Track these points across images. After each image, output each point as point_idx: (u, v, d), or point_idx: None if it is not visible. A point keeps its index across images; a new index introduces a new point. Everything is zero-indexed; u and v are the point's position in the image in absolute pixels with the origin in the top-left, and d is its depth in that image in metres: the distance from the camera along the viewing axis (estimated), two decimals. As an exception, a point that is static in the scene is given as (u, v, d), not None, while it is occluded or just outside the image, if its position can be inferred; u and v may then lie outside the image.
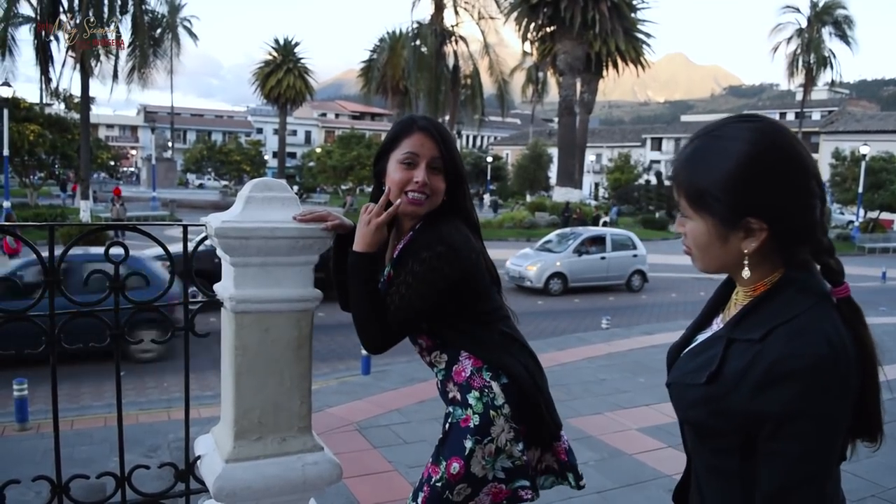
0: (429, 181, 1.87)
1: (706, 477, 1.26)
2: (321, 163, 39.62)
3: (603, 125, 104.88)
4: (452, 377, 1.93)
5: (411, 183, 1.86)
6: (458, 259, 1.83)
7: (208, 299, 2.44)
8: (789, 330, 1.09)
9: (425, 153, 1.88)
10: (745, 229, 1.13)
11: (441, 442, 1.90)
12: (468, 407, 1.88)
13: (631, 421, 5.12)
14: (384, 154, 1.95)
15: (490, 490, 1.87)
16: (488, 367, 1.91)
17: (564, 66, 35.51)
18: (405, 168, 1.87)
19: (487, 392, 1.88)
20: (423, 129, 1.91)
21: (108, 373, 7.60)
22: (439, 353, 1.97)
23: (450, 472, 1.82)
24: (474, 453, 1.84)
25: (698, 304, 5.21)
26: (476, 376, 1.90)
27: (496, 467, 1.87)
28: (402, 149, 1.89)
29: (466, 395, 1.89)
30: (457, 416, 1.90)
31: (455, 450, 1.85)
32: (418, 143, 1.88)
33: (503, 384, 1.89)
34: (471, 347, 1.92)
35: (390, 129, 2.02)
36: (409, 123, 1.93)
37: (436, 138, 1.90)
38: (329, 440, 3.16)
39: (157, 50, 27.76)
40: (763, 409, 1.08)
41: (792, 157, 1.13)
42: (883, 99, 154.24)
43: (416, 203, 1.87)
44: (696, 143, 1.19)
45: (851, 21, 42.90)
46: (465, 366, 1.92)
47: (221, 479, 1.99)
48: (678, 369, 1.30)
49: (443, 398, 2.00)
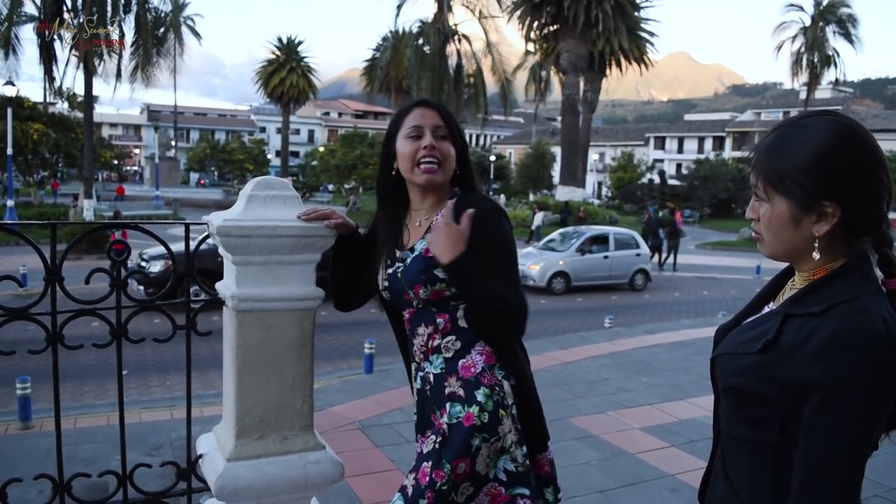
0: (438, 146, 1.89)
1: (736, 454, 1.28)
2: (324, 162, 39.67)
3: (606, 124, 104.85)
4: (458, 371, 1.88)
5: (420, 151, 1.89)
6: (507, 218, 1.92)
7: (210, 298, 2.44)
8: (850, 307, 1.13)
9: (428, 122, 1.92)
10: (819, 213, 1.18)
11: (441, 444, 1.82)
12: (474, 404, 1.83)
13: (634, 420, 5.12)
14: (391, 137, 1.98)
15: (489, 490, 1.85)
16: (501, 365, 1.90)
17: (568, 65, 35.44)
18: (412, 140, 1.91)
19: (498, 391, 1.86)
20: (422, 103, 1.98)
21: (110, 371, 7.61)
22: (454, 338, 1.91)
23: (456, 473, 1.78)
24: (480, 451, 1.81)
25: (702, 304, 5.19)
26: (487, 373, 1.87)
27: (498, 467, 1.85)
28: (406, 125, 1.93)
29: (474, 391, 1.84)
30: (454, 414, 1.84)
31: (461, 450, 1.79)
32: (420, 116, 1.93)
33: (511, 385, 1.89)
34: (488, 340, 1.90)
35: (391, 118, 2.06)
36: (409, 104, 2.00)
37: (436, 108, 1.95)
38: (331, 439, 3.16)
39: (161, 49, 27.72)
40: (816, 378, 1.10)
41: (869, 149, 1.19)
42: (887, 98, 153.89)
43: (431, 170, 1.89)
44: (779, 131, 1.25)
45: (855, 19, 42.77)
46: (476, 361, 1.88)
47: (223, 478, 1.99)
48: (728, 342, 1.32)
49: (430, 394, 1.93)
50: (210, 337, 2.67)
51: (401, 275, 1.93)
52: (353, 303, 2.19)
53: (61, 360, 2.43)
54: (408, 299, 1.94)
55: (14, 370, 6.34)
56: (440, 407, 1.89)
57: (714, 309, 13.41)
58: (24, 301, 2.33)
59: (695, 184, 46.56)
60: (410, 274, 1.89)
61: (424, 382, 1.96)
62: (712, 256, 26.53)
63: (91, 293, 2.47)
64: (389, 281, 1.97)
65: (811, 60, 43.20)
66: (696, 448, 4.49)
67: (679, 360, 7.21)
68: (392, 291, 1.98)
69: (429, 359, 1.94)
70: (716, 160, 49.30)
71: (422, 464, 1.83)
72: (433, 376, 1.92)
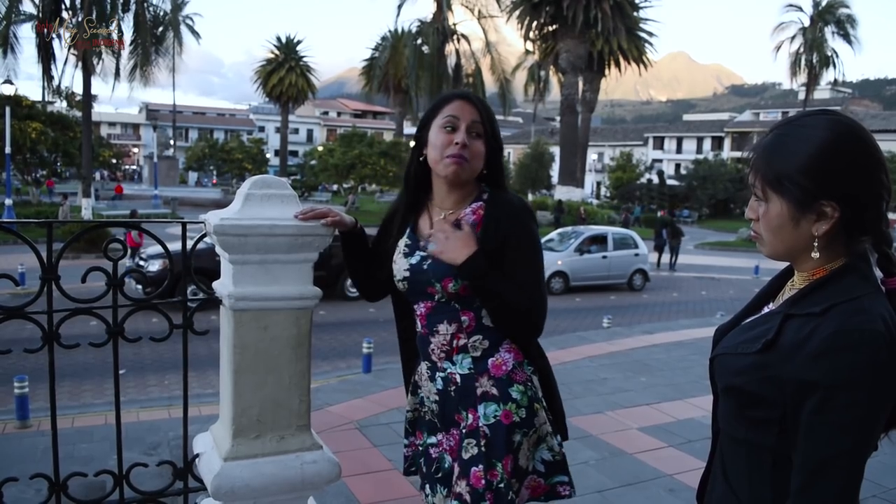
0: (469, 144, 1.87)
1: (735, 455, 1.28)
2: (323, 161, 39.59)
3: (605, 124, 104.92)
4: (489, 370, 1.87)
5: (451, 145, 1.87)
6: (535, 219, 1.95)
7: (207, 297, 2.44)
8: (850, 307, 1.13)
9: (465, 117, 1.89)
10: (818, 212, 1.18)
11: (486, 446, 1.81)
12: (510, 401, 1.84)
13: (632, 420, 5.11)
14: (425, 124, 1.95)
15: (529, 483, 1.88)
16: (529, 361, 1.93)
17: (566, 65, 35.45)
18: (446, 132, 1.88)
19: (530, 385, 1.89)
20: (463, 97, 1.94)
21: (109, 370, 7.57)
22: (481, 338, 1.89)
23: (507, 471, 1.80)
24: (521, 445, 1.84)
25: (700, 304, 5.20)
26: (518, 370, 1.89)
27: (536, 458, 1.88)
28: (443, 114, 1.90)
29: (508, 388, 1.85)
30: (490, 413, 1.83)
31: (505, 448, 1.81)
32: (458, 108, 1.90)
33: (538, 380, 1.94)
34: (513, 338, 1.91)
35: (430, 104, 2.04)
36: (449, 95, 1.97)
37: (476, 104, 1.92)
38: (329, 439, 3.16)
39: (160, 48, 27.70)
40: (816, 378, 1.10)
41: (867, 148, 1.19)
42: (886, 98, 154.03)
43: (458, 162, 1.86)
44: (778, 131, 1.25)
45: (854, 20, 42.82)
46: (506, 359, 1.88)
47: (220, 478, 1.98)
48: (727, 342, 1.32)
49: (455, 395, 1.89)
50: (208, 336, 2.67)
51: (427, 266, 1.89)
52: (380, 293, 2.16)
53: (59, 358, 2.43)
54: (431, 292, 1.90)
55: (12, 369, 6.33)
56: (468, 407, 1.87)
57: (712, 309, 13.41)
58: (22, 300, 2.32)
59: (693, 184, 46.60)
60: (440, 266, 1.86)
61: (447, 383, 1.92)
62: (711, 256, 26.55)
63: (89, 292, 2.47)
64: (411, 272, 1.93)
65: (810, 61, 43.26)
66: (694, 448, 4.49)
67: (677, 360, 7.21)
68: (413, 283, 1.93)
69: (452, 359, 1.91)
70: (714, 160, 49.34)
71: (470, 469, 1.82)
72: (460, 377, 1.89)
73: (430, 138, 1.92)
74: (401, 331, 2.11)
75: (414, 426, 2.10)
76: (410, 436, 2.12)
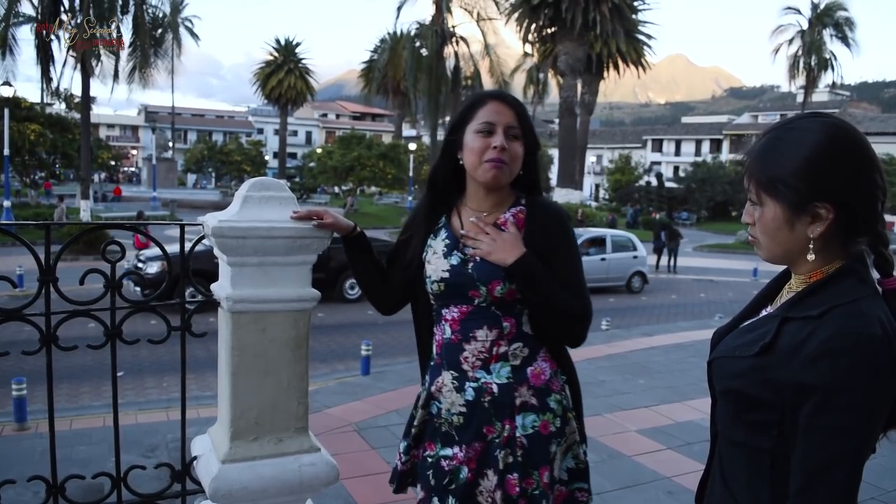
0: (507, 147, 1.82)
1: (733, 458, 1.28)
2: (322, 163, 39.62)
3: (604, 126, 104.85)
4: (528, 379, 1.83)
5: (489, 150, 1.81)
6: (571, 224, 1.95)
7: (206, 299, 2.44)
8: (848, 310, 1.13)
9: (502, 120, 1.83)
10: (813, 215, 1.18)
11: (524, 455, 1.78)
12: (547, 411, 1.82)
13: (630, 422, 5.11)
14: (459, 127, 1.89)
15: (555, 491, 1.86)
16: (561, 370, 1.91)
17: (565, 68, 35.49)
18: (483, 136, 1.82)
19: (564, 395, 1.89)
20: (498, 98, 1.88)
21: (107, 372, 7.56)
22: (521, 345, 1.85)
23: (543, 481, 1.79)
24: (556, 456, 1.83)
25: (699, 306, 5.20)
26: (554, 379, 1.87)
27: (562, 468, 1.87)
28: (478, 119, 1.84)
29: (546, 398, 1.83)
30: (529, 423, 1.80)
31: (543, 457, 1.80)
32: (494, 111, 1.84)
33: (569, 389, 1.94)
34: (551, 346, 1.89)
35: (462, 103, 1.98)
36: (483, 95, 1.91)
37: (511, 105, 1.86)
38: (327, 441, 3.15)
39: (158, 50, 27.72)
40: (814, 381, 1.10)
41: (861, 149, 1.19)
42: (884, 101, 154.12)
43: (497, 167, 1.81)
44: (771, 134, 1.25)
45: (852, 23, 42.87)
46: (544, 368, 1.86)
47: (218, 480, 1.98)
48: (724, 345, 1.32)
49: (489, 405, 1.82)
50: (206, 338, 2.66)
51: (472, 268, 1.84)
52: (398, 303, 2.10)
53: (58, 360, 2.43)
54: (472, 296, 1.83)
55: (10, 371, 6.31)
56: (504, 418, 1.81)
57: (711, 311, 13.41)
58: (20, 302, 2.32)
59: (692, 186, 46.64)
60: (486, 267, 1.81)
61: (480, 394, 1.83)
62: (709, 259, 26.57)
63: (87, 294, 2.47)
64: (452, 273, 1.86)
65: (808, 63, 43.29)
66: (692, 451, 4.49)
67: (676, 362, 7.21)
68: (452, 285, 1.86)
69: (488, 368, 1.83)
70: (713, 163, 49.41)
71: (505, 476, 1.78)
72: (497, 387, 1.82)
73: (467, 142, 1.86)
74: (421, 334, 2.04)
75: (420, 439, 2.00)
76: (412, 449, 2.01)
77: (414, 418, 2.01)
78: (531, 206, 1.90)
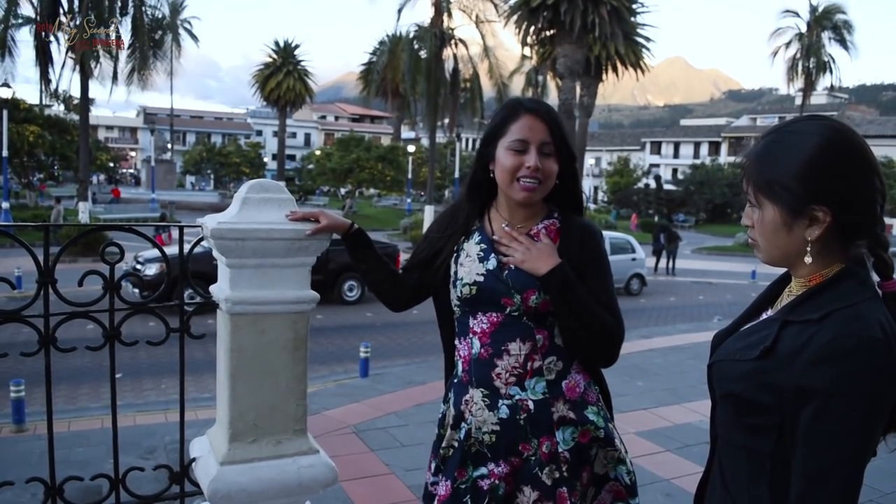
0: (541, 165, 1.77)
1: (733, 460, 1.28)
2: (320, 165, 39.67)
3: (602, 129, 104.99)
4: (564, 393, 1.79)
5: (522, 168, 1.76)
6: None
7: (204, 301, 2.44)
8: (848, 314, 1.13)
9: (535, 138, 1.77)
10: (811, 217, 1.18)
11: (569, 470, 1.75)
12: (587, 423, 1.80)
13: (629, 425, 5.11)
14: (491, 140, 1.84)
15: (612, 487, 1.85)
16: (594, 381, 1.89)
17: (564, 70, 35.48)
18: (515, 154, 1.77)
19: (601, 406, 1.87)
20: (531, 111, 1.80)
21: (105, 374, 7.55)
22: (555, 359, 1.81)
23: (583, 483, 1.79)
24: (597, 455, 1.82)
25: (697, 308, 5.20)
26: (589, 391, 1.85)
27: (618, 470, 1.86)
28: (511, 135, 1.78)
29: (583, 411, 1.80)
30: (569, 437, 1.77)
31: (585, 461, 1.79)
32: (527, 128, 1.78)
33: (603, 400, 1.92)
34: (583, 358, 1.85)
35: (495, 113, 1.91)
36: (516, 107, 1.82)
37: (545, 120, 1.79)
38: (326, 443, 3.15)
39: (157, 51, 27.71)
40: (814, 385, 1.10)
41: (859, 152, 1.19)
42: (882, 104, 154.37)
43: (529, 189, 1.77)
44: (769, 137, 1.25)
45: (851, 26, 42.93)
46: (577, 380, 1.83)
47: (216, 482, 1.98)
48: (725, 348, 1.32)
49: (525, 423, 1.77)
50: (205, 340, 2.66)
51: (507, 276, 1.79)
52: (407, 301, 2.07)
53: (56, 362, 2.43)
54: (504, 303, 1.78)
55: (8, 373, 6.30)
56: (542, 436, 1.77)
57: (709, 314, 13.41)
58: (19, 303, 2.32)
59: (691, 189, 46.69)
60: (522, 275, 1.77)
61: (515, 411, 1.77)
62: (708, 261, 26.59)
63: (86, 296, 2.46)
64: (486, 277, 1.81)
65: (807, 66, 43.33)
66: (691, 453, 4.49)
67: (674, 364, 7.21)
68: (485, 290, 1.81)
69: (523, 384, 1.78)
70: (712, 165, 49.49)
71: (556, 491, 1.75)
72: (533, 403, 1.77)
73: (499, 157, 1.81)
74: (448, 344, 1.98)
75: (451, 462, 1.87)
76: (444, 474, 1.88)
77: (442, 438, 1.92)
78: (566, 220, 1.87)
